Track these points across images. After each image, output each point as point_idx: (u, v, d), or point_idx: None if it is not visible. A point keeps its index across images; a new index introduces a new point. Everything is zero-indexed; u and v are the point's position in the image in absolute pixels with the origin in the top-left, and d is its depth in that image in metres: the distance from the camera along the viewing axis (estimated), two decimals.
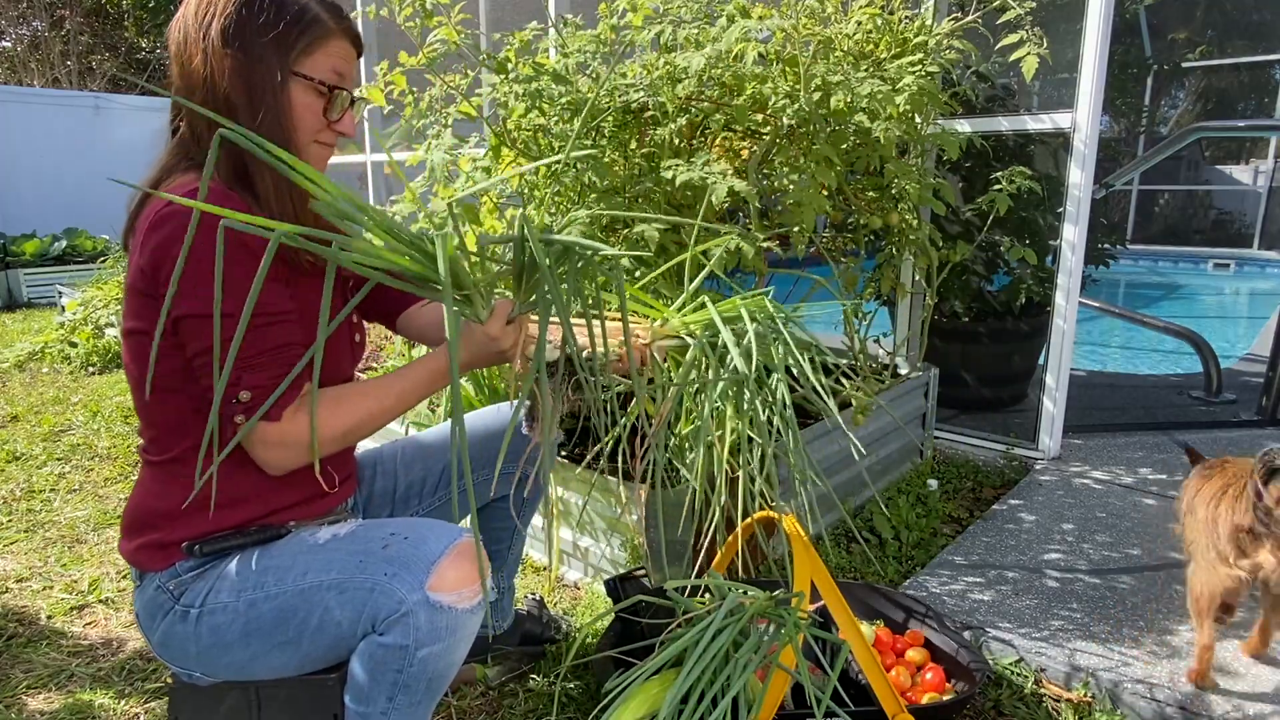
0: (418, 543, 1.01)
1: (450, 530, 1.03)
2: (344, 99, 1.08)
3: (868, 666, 1.18)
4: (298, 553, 1.04)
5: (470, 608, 1.00)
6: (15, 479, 2.67)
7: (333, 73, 1.06)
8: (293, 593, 1.01)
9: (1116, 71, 5.40)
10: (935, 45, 2.12)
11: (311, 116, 1.06)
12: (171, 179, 1.02)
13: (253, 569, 1.04)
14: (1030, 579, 1.83)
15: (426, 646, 0.97)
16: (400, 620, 0.96)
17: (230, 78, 0.99)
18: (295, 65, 1.03)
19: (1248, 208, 9.30)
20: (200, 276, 0.93)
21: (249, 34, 1.00)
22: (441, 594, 0.97)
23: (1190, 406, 3.19)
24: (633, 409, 1.76)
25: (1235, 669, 1.50)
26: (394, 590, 0.97)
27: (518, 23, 2.17)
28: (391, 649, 0.97)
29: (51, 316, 5.75)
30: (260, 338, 0.97)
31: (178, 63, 1.02)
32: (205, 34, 0.99)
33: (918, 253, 2.37)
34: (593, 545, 1.89)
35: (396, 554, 0.99)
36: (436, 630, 0.97)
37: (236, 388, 0.96)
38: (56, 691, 1.58)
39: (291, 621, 1.01)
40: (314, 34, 1.04)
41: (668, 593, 1.23)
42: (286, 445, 1.00)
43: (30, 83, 12.40)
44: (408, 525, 1.05)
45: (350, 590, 0.99)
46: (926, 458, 2.62)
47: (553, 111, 1.94)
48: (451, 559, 0.99)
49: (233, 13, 0.99)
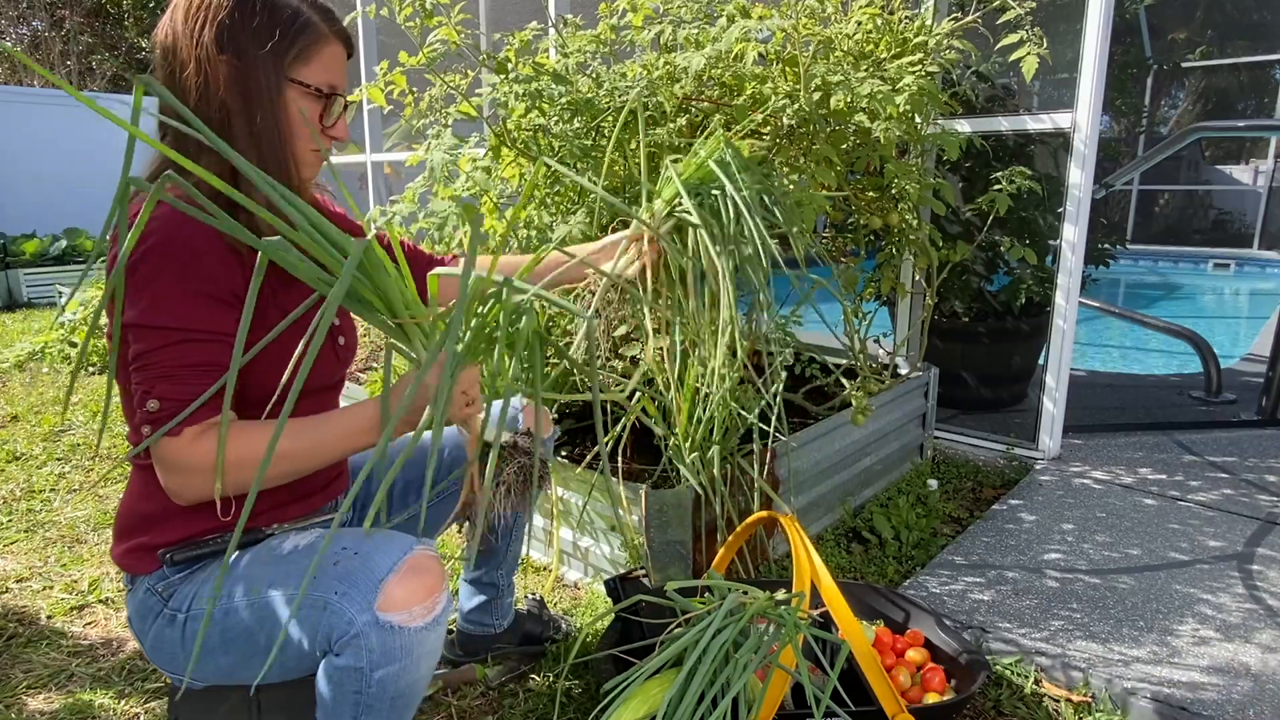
0: (366, 558, 0.96)
1: (403, 542, 0.98)
2: (339, 105, 1.08)
3: (868, 666, 1.18)
4: (265, 563, 1.03)
5: (424, 624, 0.95)
6: (15, 479, 2.67)
7: (327, 78, 1.06)
8: (259, 604, 0.99)
9: (1116, 71, 5.40)
10: (935, 45, 2.12)
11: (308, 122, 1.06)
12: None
13: (233, 575, 1.03)
14: (1030, 579, 1.83)
15: (382, 668, 0.93)
16: (352, 642, 0.93)
17: (226, 84, 0.98)
18: (291, 71, 1.03)
19: (1248, 208, 9.30)
20: (152, 285, 0.93)
21: (244, 39, 0.99)
22: (391, 614, 0.93)
23: (1190, 406, 3.19)
24: (633, 408, 1.77)
25: (1235, 669, 1.50)
26: (344, 610, 0.93)
27: (518, 23, 2.17)
28: (347, 671, 0.94)
29: (51, 316, 5.75)
30: (185, 352, 0.94)
31: (166, 68, 1.00)
32: (197, 39, 0.98)
33: (918, 253, 2.37)
34: (593, 545, 1.89)
35: (345, 571, 0.95)
36: (390, 651, 0.93)
37: (148, 395, 0.93)
38: (56, 691, 1.58)
39: (260, 633, 0.99)
40: (309, 39, 1.03)
41: (668, 593, 1.23)
42: (182, 470, 0.94)
43: (30, 83, 12.41)
44: (360, 540, 1.00)
45: (306, 607, 0.95)
46: (926, 458, 2.62)
47: (553, 111, 1.94)
48: (400, 576, 0.94)
49: (225, 18, 0.98)
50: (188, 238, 0.95)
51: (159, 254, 0.93)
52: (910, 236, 2.31)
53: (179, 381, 0.94)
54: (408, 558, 0.96)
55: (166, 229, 0.94)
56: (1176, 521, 2.12)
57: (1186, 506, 2.21)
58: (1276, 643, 1.57)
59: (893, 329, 2.90)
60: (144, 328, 0.93)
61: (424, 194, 2.08)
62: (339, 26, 1.08)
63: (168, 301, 0.93)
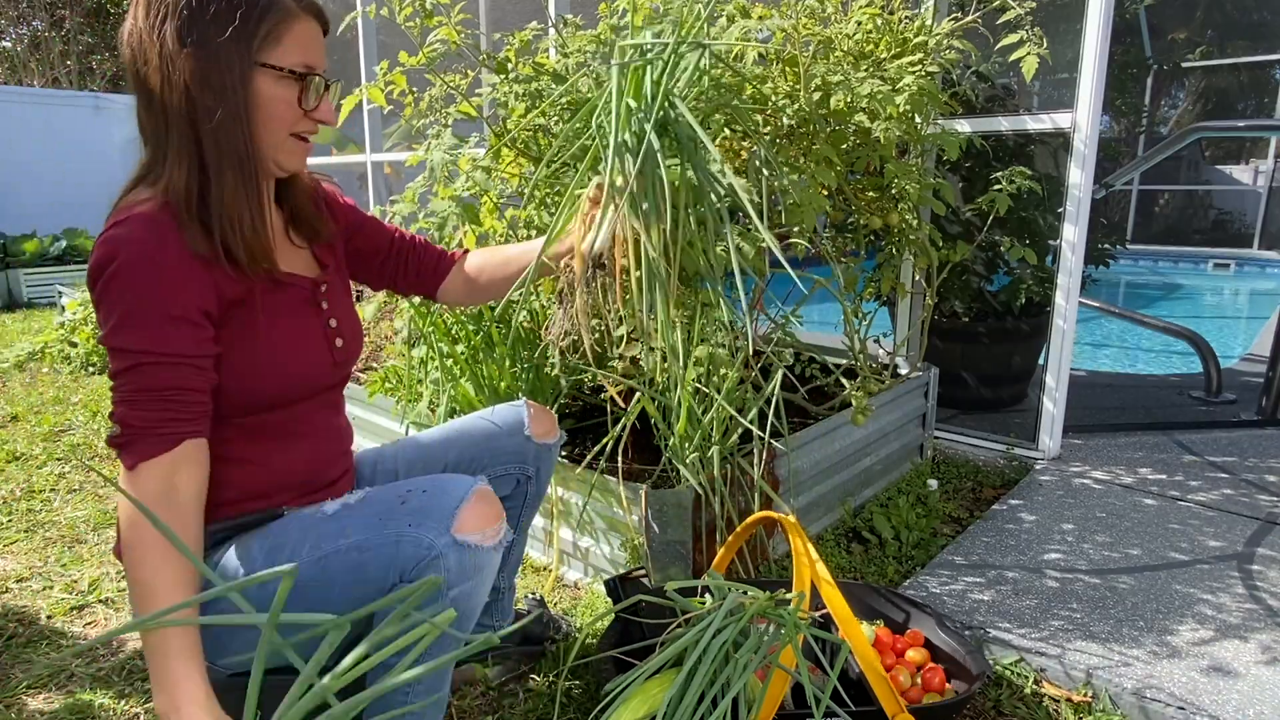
0: (437, 494, 1.03)
1: (465, 479, 1.07)
2: (318, 84, 1.03)
3: (868, 666, 1.18)
4: (306, 528, 1.05)
5: (495, 545, 1.04)
6: (15, 479, 2.67)
7: (301, 58, 1.01)
8: (308, 563, 1.01)
9: (1116, 71, 5.40)
10: (935, 45, 2.12)
11: (285, 108, 1.01)
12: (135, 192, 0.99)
13: (258, 551, 1.04)
14: (1030, 579, 1.83)
15: (457, 586, 1.00)
16: (430, 564, 0.98)
17: (190, 78, 0.94)
18: (259, 56, 0.97)
19: (1248, 208, 9.30)
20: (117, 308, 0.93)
21: (205, 28, 0.94)
22: (467, 534, 1.00)
23: (1190, 406, 3.19)
24: (633, 407, 1.77)
25: (1235, 669, 1.50)
26: (420, 537, 0.99)
27: (518, 23, 2.17)
28: None
29: (51, 316, 5.75)
30: (146, 376, 0.93)
31: (133, 71, 0.97)
32: (159, 35, 0.94)
33: (918, 253, 2.37)
34: (593, 545, 1.89)
35: (417, 506, 1.02)
36: (465, 569, 1.00)
37: (113, 415, 0.94)
38: (56, 691, 1.58)
39: (309, 593, 1.01)
40: (275, 18, 0.97)
41: (668, 593, 1.23)
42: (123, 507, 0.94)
43: (30, 83, 12.41)
44: (423, 481, 1.07)
45: (374, 548, 1.00)
46: (926, 458, 2.62)
47: (553, 112, 1.94)
48: (472, 503, 1.02)
49: (184, 8, 0.93)
50: (153, 255, 0.93)
51: (125, 274, 0.92)
52: (910, 236, 2.31)
53: (136, 407, 0.93)
54: (476, 488, 1.05)
55: (134, 246, 0.93)
56: (1176, 521, 2.12)
57: (1186, 506, 2.21)
58: (1276, 643, 1.57)
59: (893, 329, 2.90)
60: (113, 349, 0.93)
61: (424, 194, 2.08)
62: (308, 1, 1.02)
63: (132, 323, 0.92)
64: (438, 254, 1.39)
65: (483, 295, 1.39)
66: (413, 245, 1.37)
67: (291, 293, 1.11)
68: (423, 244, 1.38)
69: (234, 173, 0.98)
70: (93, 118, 8.57)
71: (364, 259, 1.33)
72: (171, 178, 0.97)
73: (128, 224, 0.94)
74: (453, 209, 1.91)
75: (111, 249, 0.93)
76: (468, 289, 1.39)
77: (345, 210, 1.29)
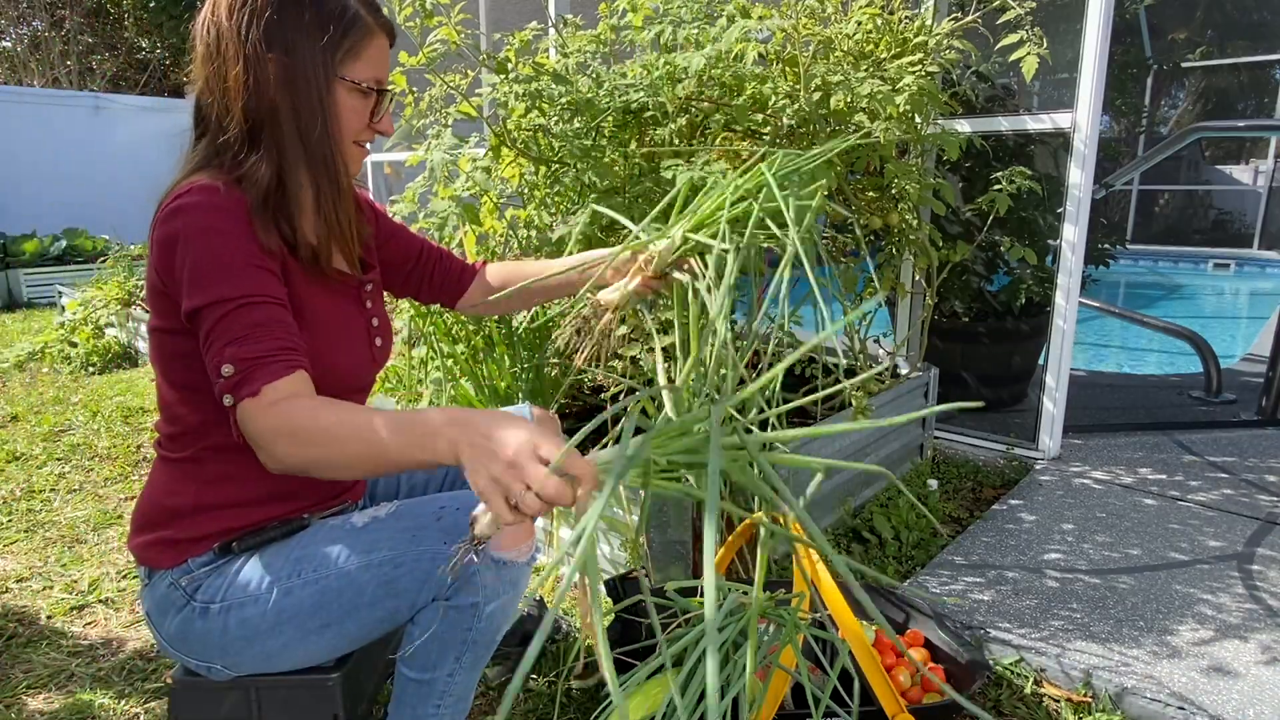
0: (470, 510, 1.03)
1: None
2: (387, 100, 1.06)
3: (868, 666, 1.18)
4: (334, 539, 1.04)
5: (528, 560, 1.06)
6: (15, 479, 2.67)
7: (375, 72, 1.04)
8: (335, 575, 1.01)
9: (1116, 71, 5.41)
10: (935, 45, 2.12)
11: (355, 119, 1.04)
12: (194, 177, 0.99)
13: (284, 559, 1.04)
14: (1030, 579, 1.83)
15: (493, 601, 1.02)
16: (468, 581, 0.99)
17: (275, 84, 0.96)
18: (341, 69, 1.00)
19: (1248, 208, 9.30)
20: (202, 267, 0.92)
21: (293, 36, 0.96)
22: (503, 552, 1.02)
23: (1190, 406, 3.19)
24: (633, 408, 1.76)
25: (1235, 669, 1.50)
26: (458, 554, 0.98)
27: (518, 23, 2.17)
28: (462, 609, 1.01)
29: (51, 316, 5.75)
30: (244, 315, 0.91)
31: (207, 67, 0.98)
32: (245, 36, 0.95)
33: (918, 253, 2.37)
34: None
35: (453, 523, 1.02)
36: (501, 584, 1.02)
37: (220, 363, 0.90)
38: (56, 691, 1.58)
39: (335, 604, 1.01)
40: (357, 35, 1.00)
41: (668, 593, 1.23)
42: (267, 436, 0.86)
43: (30, 83, 12.40)
44: (454, 498, 1.08)
45: (407, 563, 1.00)
46: (926, 458, 2.62)
47: (553, 111, 1.94)
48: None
49: (274, 13, 0.96)
50: (233, 210, 0.94)
51: (205, 232, 0.92)
52: (910, 236, 2.31)
53: (245, 342, 0.91)
54: None
55: (210, 209, 0.93)
56: (1176, 521, 2.12)
57: (1186, 506, 2.21)
58: (1276, 643, 1.57)
59: (893, 329, 2.90)
60: (204, 307, 0.91)
61: (424, 194, 2.08)
62: (384, 18, 1.05)
63: (221, 274, 0.92)
64: (460, 266, 1.40)
65: (498, 309, 1.43)
66: (439, 256, 1.39)
67: (340, 289, 1.12)
68: (447, 255, 1.39)
69: (324, 178, 1.01)
70: (93, 118, 8.57)
71: (393, 267, 1.34)
72: (252, 171, 0.97)
73: (195, 193, 0.94)
74: (453, 209, 1.91)
75: (188, 215, 0.93)
76: (486, 302, 1.41)
77: (380, 217, 1.30)
